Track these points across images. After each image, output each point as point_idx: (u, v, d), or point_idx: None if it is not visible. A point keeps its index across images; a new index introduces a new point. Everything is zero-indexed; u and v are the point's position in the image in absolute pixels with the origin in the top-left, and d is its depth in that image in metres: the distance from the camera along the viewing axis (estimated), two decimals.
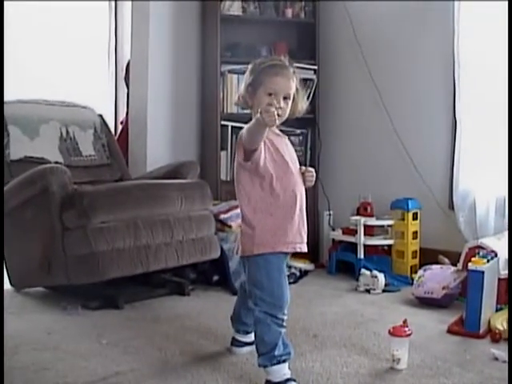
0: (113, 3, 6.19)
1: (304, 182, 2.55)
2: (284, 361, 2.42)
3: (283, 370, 2.41)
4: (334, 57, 5.06)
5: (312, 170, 2.60)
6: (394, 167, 4.68)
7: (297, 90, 2.51)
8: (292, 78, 2.48)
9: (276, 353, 2.40)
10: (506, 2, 3.78)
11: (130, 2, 5.15)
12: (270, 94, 2.44)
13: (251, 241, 2.44)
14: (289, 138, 2.65)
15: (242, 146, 2.40)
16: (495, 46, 3.93)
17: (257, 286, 2.45)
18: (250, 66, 2.55)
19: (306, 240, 2.53)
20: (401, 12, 4.58)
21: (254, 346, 2.52)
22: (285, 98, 2.46)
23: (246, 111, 2.61)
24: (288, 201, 2.46)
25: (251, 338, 2.67)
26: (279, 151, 2.48)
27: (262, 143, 2.40)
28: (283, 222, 2.45)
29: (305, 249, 2.52)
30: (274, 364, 2.41)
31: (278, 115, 2.39)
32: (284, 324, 2.46)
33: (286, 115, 2.48)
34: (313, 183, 2.60)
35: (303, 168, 2.58)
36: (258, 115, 2.25)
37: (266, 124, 2.25)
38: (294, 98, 2.50)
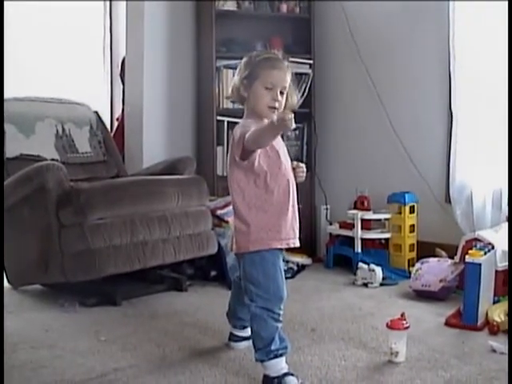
0: (107, 1, 6.17)
1: (295, 177, 2.55)
2: (281, 355, 2.42)
3: (280, 365, 2.41)
4: (330, 51, 5.05)
5: (303, 165, 2.61)
6: (390, 161, 4.68)
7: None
8: (287, 71, 2.48)
9: (272, 347, 2.40)
10: (501, 2, 3.79)
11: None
12: (267, 88, 2.44)
13: (247, 238, 2.44)
14: (284, 133, 2.65)
15: (241, 145, 2.37)
16: (489, 42, 3.94)
17: (252, 283, 2.45)
18: (244, 59, 2.54)
19: (298, 235, 2.53)
20: (396, 7, 4.56)
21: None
22: (281, 92, 2.46)
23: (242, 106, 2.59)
24: (282, 197, 2.46)
25: (249, 332, 2.65)
26: (274, 147, 2.46)
27: None
28: (278, 219, 2.45)
29: (297, 244, 2.53)
30: (271, 358, 2.40)
31: (276, 108, 2.41)
32: (280, 319, 2.45)
33: (282, 109, 2.47)
34: (303, 179, 2.60)
35: (294, 163, 2.59)
36: (274, 120, 2.22)
37: (281, 130, 2.24)
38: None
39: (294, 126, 2.20)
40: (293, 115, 2.20)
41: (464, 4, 4.03)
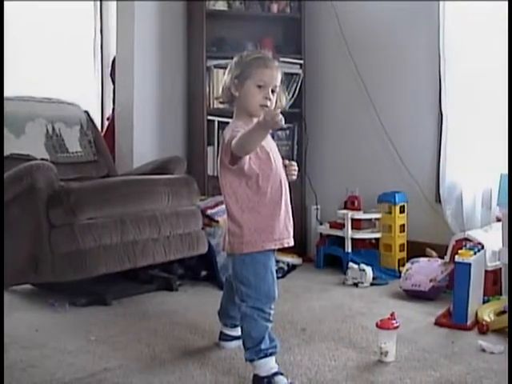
0: (98, 1, 6.15)
1: (287, 175, 2.55)
2: (271, 354, 2.42)
3: (270, 364, 2.41)
4: (321, 51, 5.05)
5: (294, 163, 2.60)
6: (380, 161, 4.69)
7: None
8: (278, 70, 2.49)
9: (262, 346, 2.40)
10: (490, 3, 3.81)
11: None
12: (259, 87, 2.44)
13: (240, 240, 2.43)
14: (274, 133, 2.64)
15: (229, 151, 2.37)
16: (479, 43, 3.95)
17: (243, 283, 2.45)
18: (235, 59, 2.54)
19: (292, 233, 2.53)
20: (387, 7, 4.57)
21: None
22: (272, 91, 2.46)
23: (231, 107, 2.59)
24: (274, 197, 2.45)
25: (239, 331, 2.65)
26: (264, 148, 2.45)
27: None
28: (270, 220, 2.44)
29: (292, 243, 2.52)
30: (261, 358, 2.41)
31: (268, 107, 2.41)
32: (271, 319, 2.46)
33: (273, 108, 2.47)
34: (295, 177, 2.60)
35: (286, 161, 2.59)
36: (261, 119, 2.22)
37: (270, 127, 2.23)
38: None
39: (283, 123, 2.19)
40: (279, 112, 2.20)
41: (454, 4, 4.03)
